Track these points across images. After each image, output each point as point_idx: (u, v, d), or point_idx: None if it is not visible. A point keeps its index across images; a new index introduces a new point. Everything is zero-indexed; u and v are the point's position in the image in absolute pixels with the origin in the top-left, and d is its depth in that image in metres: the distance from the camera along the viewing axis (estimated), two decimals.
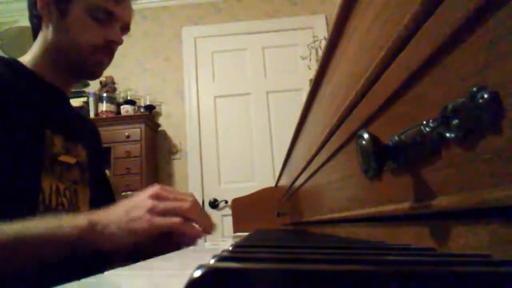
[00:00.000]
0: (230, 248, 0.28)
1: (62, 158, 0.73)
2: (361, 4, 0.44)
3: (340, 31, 0.53)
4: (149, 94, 3.09)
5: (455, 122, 0.23)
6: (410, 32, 0.30)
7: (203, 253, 0.47)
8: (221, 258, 0.20)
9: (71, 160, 0.76)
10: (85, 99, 2.93)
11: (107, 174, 1.00)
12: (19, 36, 2.36)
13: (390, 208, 0.36)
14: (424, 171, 0.29)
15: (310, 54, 2.71)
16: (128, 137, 2.75)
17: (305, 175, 0.89)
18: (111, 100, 2.94)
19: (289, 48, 3.15)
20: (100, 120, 2.76)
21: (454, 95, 0.24)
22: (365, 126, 0.42)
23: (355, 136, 0.31)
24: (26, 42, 2.49)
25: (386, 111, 0.37)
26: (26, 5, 0.77)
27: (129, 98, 3.00)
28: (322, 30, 3.07)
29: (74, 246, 0.53)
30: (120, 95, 3.05)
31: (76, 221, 0.55)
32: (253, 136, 3.05)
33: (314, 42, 2.71)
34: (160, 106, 3.16)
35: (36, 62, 0.75)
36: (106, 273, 0.24)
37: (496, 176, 0.21)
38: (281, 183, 1.70)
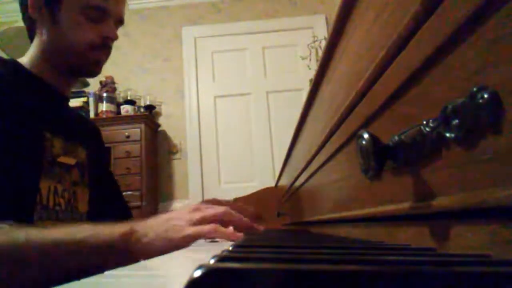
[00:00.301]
0: (230, 248, 0.28)
1: (61, 159, 0.73)
2: (361, 4, 0.44)
3: (340, 31, 0.53)
4: (149, 94, 3.09)
5: (455, 122, 0.23)
6: (410, 32, 0.30)
7: (203, 253, 0.47)
8: (221, 258, 0.20)
9: (71, 161, 0.76)
10: (85, 99, 2.93)
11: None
12: (19, 36, 2.36)
13: (390, 208, 0.36)
14: (424, 171, 0.29)
15: (310, 54, 2.72)
16: (128, 137, 2.76)
17: (305, 175, 0.89)
18: (111, 100, 2.94)
19: (289, 48, 3.16)
20: (100, 120, 2.76)
21: (454, 95, 0.24)
22: (365, 126, 0.42)
23: (355, 136, 0.31)
24: (26, 42, 2.49)
25: (386, 111, 0.37)
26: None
27: (129, 98, 3.00)
28: (322, 30, 3.08)
29: (111, 253, 0.53)
30: (120, 95, 3.05)
31: (114, 228, 0.54)
32: (253, 136, 3.05)
33: (314, 42, 2.71)
34: (160, 106, 3.16)
35: (34, 64, 0.75)
36: (106, 273, 0.24)
37: (496, 176, 0.21)
38: (281, 183, 1.70)
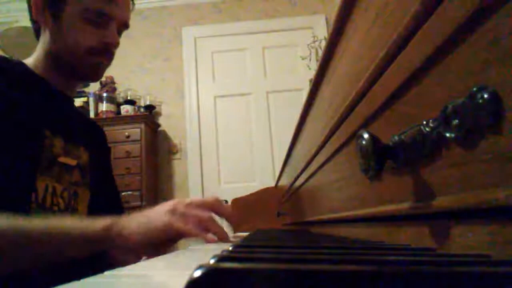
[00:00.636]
0: (230, 248, 0.28)
1: (61, 159, 0.73)
2: (361, 4, 0.44)
3: (340, 31, 0.53)
4: (149, 94, 3.09)
5: (455, 122, 0.23)
6: (410, 32, 0.30)
7: (203, 253, 0.47)
8: (221, 258, 0.20)
9: (72, 161, 0.76)
10: (85, 99, 2.93)
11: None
12: (19, 36, 2.36)
13: (390, 208, 0.36)
14: (424, 171, 0.29)
15: (310, 54, 2.72)
16: (128, 137, 2.75)
17: (305, 175, 0.89)
18: (111, 100, 2.94)
19: (289, 48, 3.16)
20: (100, 120, 2.76)
21: (454, 95, 0.24)
22: (365, 126, 0.42)
23: (355, 136, 0.31)
24: (26, 42, 2.49)
25: (386, 111, 0.37)
26: (26, 5, 0.77)
27: (129, 98, 3.00)
28: (322, 30, 3.07)
29: (94, 243, 0.57)
30: (120, 95, 3.05)
31: (96, 221, 0.58)
32: (253, 136, 3.05)
33: (314, 42, 2.71)
34: (160, 106, 3.16)
35: (38, 65, 0.75)
36: (106, 273, 0.24)
37: (496, 176, 0.21)
38: (281, 183, 1.70)
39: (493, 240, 0.22)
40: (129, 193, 2.61)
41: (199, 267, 0.14)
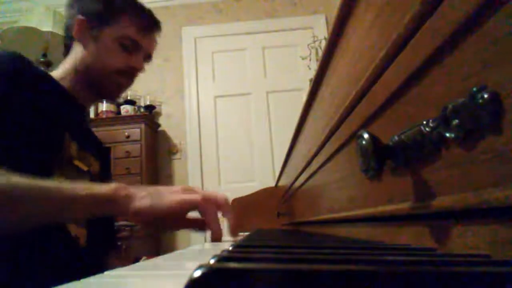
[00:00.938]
0: (230, 248, 0.28)
1: (76, 162, 0.78)
2: (361, 4, 0.44)
3: (340, 31, 0.53)
4: (149, 94, 3.09)
5: (455, 122, 0.23)
6: (410, 32, 0.30)
7: (203, 253, 0.47)
8: (221, 258, 0.20)
9: (84, 167, 0.81)
10: None
11: None
12: (19, 36, 2.36)
13: (390, 208, 0.36)
14: (424, 171, 0.29)
15: (310, 54, 2.72)
16: (128, 137, 2.75)
17: (305, 175, 0.89)
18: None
19: (289, 48, 3.16)
20: (100, 120, 2.76)
21: (454, 95, 0.24)
22: (365, 126, 0.42)
23: (355, 136, 0.31)
24: (26, 42, 2.49)
25: (386, 111, 0.37)
26: (26, 5, 0.79)
27: (129, 98, 3.00)
28: (322, 30, 3.07)
29: (102, 204, 0.58)
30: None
31: (105, 185, 0.60)
32: (253, 136, 3.05)
33: (314, 42, 2.71)
34: (160, 106, 3.16)
35: (64, 77, 0.82)
36: (106, 273, 0.24)
37: (496, 176, 0.21)
38: (281, 183, 1.70)
39: (493, 240, 0.22)
40: None
41: (199, 267, 0.14)
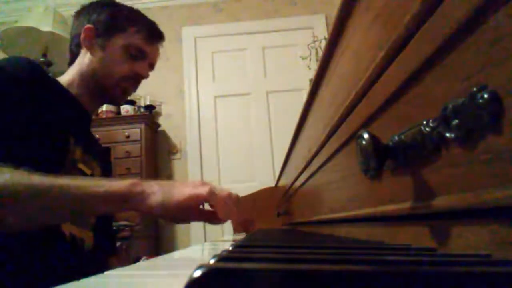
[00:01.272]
0: (230, 248, 0.28)
1: (80, 166, 0.80)
2: (361, 4, 0.44)
3: (340, 31, 0.53)
4: (149, 94, 3.09)
5: (455, 122, 0.23)
6: (410, 32, 0.30)
7: (203, 253, 0.47)
8: (221, 258, 0.20)
9: (88, 170, 0.83)
10: None
11: None
12: (19, 36, 2.36)
13: (390, 208, 0.36)
14: (424, 171, 0.29)
15: (310, 54, 2.71)
16: (128, 137, 2.75)
17: (305, 175, 0.89)
18: None
19: (289, 48, 3.15)
20: (100, 120, 2.76)
21: (454, 95, 0.24)
22: (365, 126, 0.42)
23: (355, 136, 0.31)
24: (26, 42, 2.48)
25: (386, 111, 0.37)
26: (26, 5, 0.80)
27: (129, 98, 2.99)
28: (322, 30, 3.07)
29: (112, 201, 0.59)
30: None
31: (121, 181, 0.61)
32: (253, 136, 3.05)
33: (314, 42, 2.71)
34: (160, 106, 3.16)
35: (71, 83, 0.85)
36: (106, 273, 0.24)
37: (496, 176, 0.21)
38: (281, 183, 1.70)
39: (493, 240, 0.22)
40: None
41: (199, 267, 0.14)
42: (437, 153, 0.27)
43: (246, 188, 2.37)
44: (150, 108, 3.04)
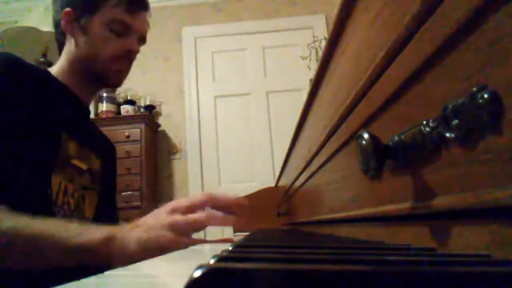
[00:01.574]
0: (230, 248, 0.28)
1: (74, 161, 0.77)
2: (361, 4, 0.44)
3: (340, 31, 0.53)
4: (149, 94, 3.09)
5: (455, 122, 0.23)
6: (410, 32, 0.30)
7: (203, 253, 0.47)
8: (221, 258, 0.20)
9: (83, 165, 0.80)
10: None
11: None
12: (19, 36, 2.36)
13: (390, 208, 0.36)
14: (424, 171, 0.29)
15: (310, 54, 2.72)
16: (128, 137, 2.76)
17: (305, 175, 0.89)
18: (111, 100, 2.94)
19: (289, 48, 3.16)
20: (100, 120, 2.76)
21: (454, 95, 0.24)
22: (365, 126, 0.42)
23: (355, 136, 0.31)
24: (26, 42, 2.48)
25: (386, 111, 0.37)
26: (26, 5, 0.80)
27: (129, 98, 3.00)
28: (322, 30, 3.07)
29: (88, 256, 0.55)
30: (120, 95, 3.05)
31: (96, 231, 0.56)
32: (253, 136, 3.05)
33: (314, 42, 2.71)
34: (160, 106, 3.16)
35: (61, 73, 0.81)
36: (106, 273, 0.24)
37: (496, 176, 0.21)
38: (281, 183, 1.70)
39: (493, 240, 0.22)
40: (129, 193, 2.61)
41: (199, 267, 0.14)
42: (437, 153, 0.27)
43: (246, 188, 2.37)
44: (150, 108, 3.04)
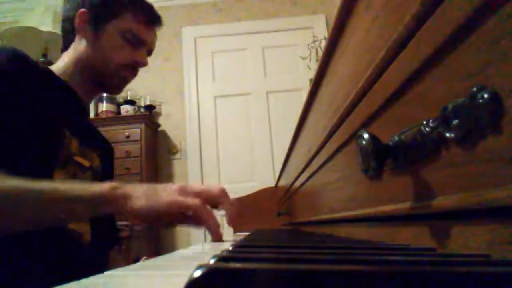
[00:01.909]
0: (230, 248, 0.28)
1: (77, 158, 0.77)
2: (361, 4, 0.44)
3: (340, 31, 0.53)
4: (149, 94, 3.09)
5: (455, 122, 0.23)
6: (410, 32, 0.30)
7: (203, 253, 0.47)
8: (221, 258, 0.20)
9: (86, 162, 0.80)
10: None
11: None
12: (19, 36, 2.36)
13: (390, 208, 0.36)
14: (424, 171, 0.29)
15: (310, 54, 2.72)
16: (128, 137, 2.75)
17: (305, 175, 0.89)
18: (111, 100, 2.94)
19: (289, 48, 3.16)
20: (100, 120, 2.76)
21: (454, 95, 0.24)
22: (365, 126, 0.42)
23: (355, 136, 0.31)
24: (26, 42, 2.48)
25: (386, 111, 0.37)
26: (26, 5, 0.79)
27: (129, 98, 3.00)
28: (322, 30, 3.07)
29: (97, 203, 0.58)
30: (120, 95, 3.05)
31: (104, 184, 0.60)
32: (253, 136, 3.05)
33: (314, 42, 2.71)
34: (160, 106, 3.16)
35: (64, 71, 0.81)
36: (106, 273, 0.24)
37: (496, 176, 0.21)
38: (281, 183, 1.70)
39: (493, 240, 0.22)
40: None
41: (199, 267, 0.14)
42: (437, 153, 0.27)
43: (246, 188, 2.37)
44: (150, 108, 3.04)
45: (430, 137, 0.26)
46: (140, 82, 3.17)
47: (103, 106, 2.91)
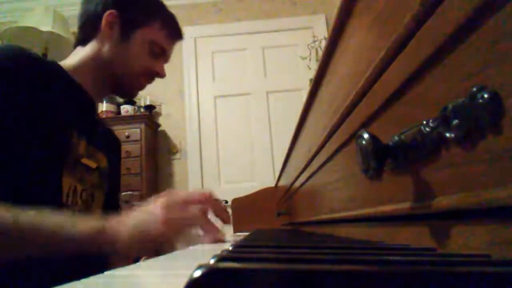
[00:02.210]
0: (230, 248, 0.28)
1: (84, 160, 0.76)
2: (361, 4, 0.44)
3: (340, 31, 0.53)
4: (149, 94, 3.09)
5: (455, 122, 0.23)
6: (410, 32, 0.30)
7: (203, 253, 0.47)
8: (221, 258, 0.20)
9: (93, 164, 0.79)
10: None
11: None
12: (19, 36, 2.36)
13: (390, 208, 0.36)
14: (424, 171, 0.29)
15: (310, 54, 2.72)
16: (128, 137, 2.76)
17: (305, 175, 0.89)
18: (111, 100, 2.94)
19: (289, 48, 3.16)
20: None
21: (454, 95, 0.24)
22: (365, 126, 0.42)
23: (355, 136, 0.31)
24: (26, 42, 2.48)
25: (386, 111, 0.37)
26: (26, 5, 0.78)
27: None
28: (322, 30, 3.07)
29: (82, 246, 0.55)
30: None
31: (89, 222, 0.57)
32: (253, 136, 3.05)
33: (314, 42, 2.71)
34: (160, 106, 3.16)
35: (75, 69, 0.78)
36: (106, 273, 0.24)
37: (496, 176, 0.21)
38: (281, 183, 1.70)
39: (493, 240, 0.22)
40: (129, 193, 2.61)
41: (199, 267, 0.14)
42: (437, 153, 0.27)
43: (246, 188, 2.37)
44: (150, 108, 3.04)
45: (430, 137, 0.26)
46: None
47: (103, 106, 2.91)
